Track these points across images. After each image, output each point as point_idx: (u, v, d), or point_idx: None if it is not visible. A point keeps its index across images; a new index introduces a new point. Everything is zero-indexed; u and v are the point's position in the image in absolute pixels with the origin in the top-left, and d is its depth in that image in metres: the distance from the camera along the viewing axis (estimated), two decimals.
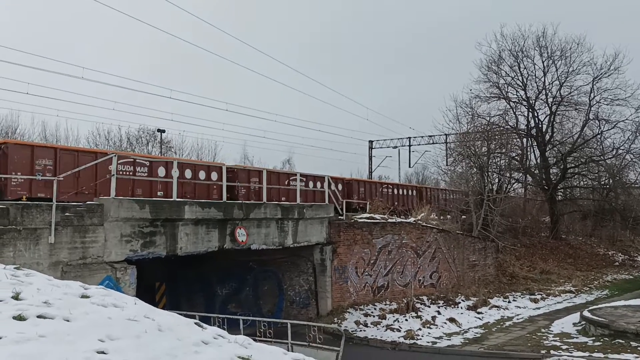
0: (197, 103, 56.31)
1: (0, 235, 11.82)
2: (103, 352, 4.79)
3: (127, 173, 17.31)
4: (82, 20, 71.17)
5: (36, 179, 14.35)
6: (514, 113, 40.85)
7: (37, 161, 14.89)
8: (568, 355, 15.64)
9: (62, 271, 12.79)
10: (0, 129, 37.26)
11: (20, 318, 5.14)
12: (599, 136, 40.66)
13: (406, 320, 20.48)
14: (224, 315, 15.88)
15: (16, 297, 5.69)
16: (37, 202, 13.11)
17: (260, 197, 20.58)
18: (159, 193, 17.95)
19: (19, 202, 13.04)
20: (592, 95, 39.25)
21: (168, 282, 23.08)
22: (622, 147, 39.67)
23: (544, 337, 18.27)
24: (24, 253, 12.22)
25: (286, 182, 23.24)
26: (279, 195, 22.41)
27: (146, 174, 17.98)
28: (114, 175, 14.53)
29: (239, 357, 5.53)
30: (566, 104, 40.17)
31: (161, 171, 18.52)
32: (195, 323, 6.76)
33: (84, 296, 6.33)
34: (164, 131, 42.29)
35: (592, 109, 39.44)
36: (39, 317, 5.26)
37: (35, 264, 12.14)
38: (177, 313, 7.87)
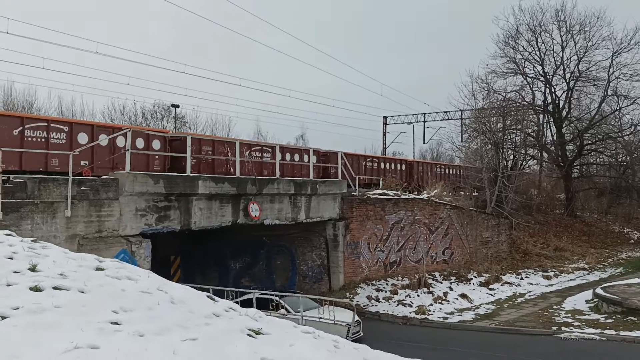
0: (211, 78, 56.30)
1: (18, 209, 12.05)
2: (117, 323, 4.90)
3: (257, 157, 20.50)
4: None
5: (203, 161, 18.55)
6: (531, 89, 40.35)
7: (202, 147, 18.67)
8: (579, 332, 15.69)
9: (79, 244, 13.02)
10: (14, 103, 37.53)
11: (36, 289, 5.26)
12: (617, 112, 40.08)
13: (418, 295, 20.63)
14: (237, 289, 16.14)
15: (33, 269, 5.81)
16: (54, 176, 13.30)
17: (343, 175, 22.99)
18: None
19: (37, 175, 13.24)
20: (611, 70, 38.60)
21: (183, 256, 23.40)
22: None
23: (556, 314, 18.33)
24: (42, 226, 12.45)
25: (364, 164, 26.88)
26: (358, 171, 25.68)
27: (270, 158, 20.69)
28: (128, 150, 14.65)
29: (249, 329, 5.64)
30: (584, 79, 39.49)
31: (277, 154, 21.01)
32: (208, 296, 6.88)
33: (98, 269, 6.45)
34: (178, 106, 42.37)
35: (611, 84, 38.81)
36: (54, 288, 5.38)
37: (53, 237, 12.37)
38: (191, 286, 8.01)
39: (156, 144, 17.40)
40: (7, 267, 5.72)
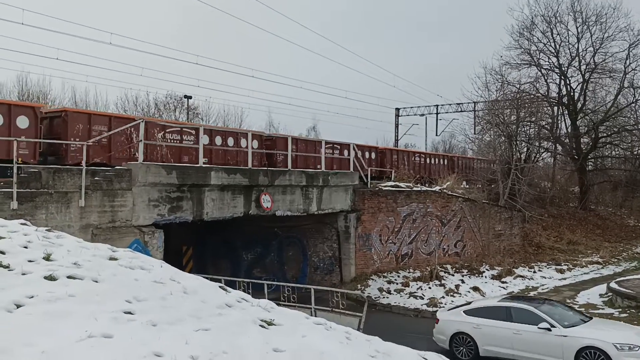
0: (223, 69, 56.29)
1: (33, 198, 12.17)
2: (130, 312, 4.93)
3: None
4: None
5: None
6: (545, 80, 39.86)
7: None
8: None
9: (92, 234, 13.13)
10: (30, 93, 37.79)
11: (51, 278, 5.31)
12: (633, 105, 39.48)
13: (429, 288, 20.59)
14: (249, 280, 16.19)
15: (47, 258, 5.87)
16: (68, 167, 13.40)
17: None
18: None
19: (52, 166, 13.33)
20: (627, 62, 37.95)
21: (195, 246, 23.54)
22: None
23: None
24: (56, 216, 12.56)
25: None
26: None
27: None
28: (141, 140, 14.71)
29: (261, 320, 5.64)
30: (600, 71, 38.92)
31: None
32: (220, 286, 6.91)
33: (112, 258, 6.50)
34: (190, 97, 42.47)
35: (627, 76, 38.15)
36: (68, 277, 5.43)
37: (67, 226, 12.48)
38: (203, 276, 8.04)
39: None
40: (22, 256, 5.78)
